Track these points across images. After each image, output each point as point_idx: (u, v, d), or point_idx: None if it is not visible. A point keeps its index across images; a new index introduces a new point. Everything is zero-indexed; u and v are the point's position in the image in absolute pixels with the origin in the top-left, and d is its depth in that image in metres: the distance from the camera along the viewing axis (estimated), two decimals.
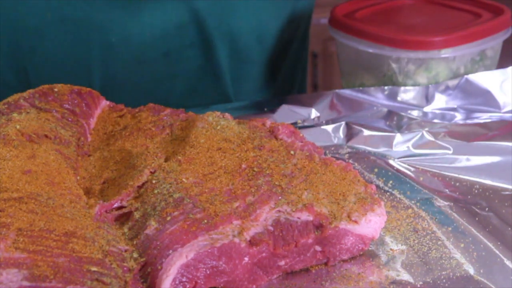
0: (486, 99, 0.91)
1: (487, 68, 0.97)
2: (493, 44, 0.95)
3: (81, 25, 0.95)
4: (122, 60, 0.98)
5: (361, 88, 0.94)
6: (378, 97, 0.93)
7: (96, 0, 0.94)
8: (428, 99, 0.92)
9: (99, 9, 0.94)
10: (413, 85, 0.94)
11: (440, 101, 0.92)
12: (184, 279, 0.56)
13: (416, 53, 0.91)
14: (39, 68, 0.97)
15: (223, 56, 1.01)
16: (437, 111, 0.91)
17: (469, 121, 0.88)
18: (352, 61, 0.99)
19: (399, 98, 0.92)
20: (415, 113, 0.90)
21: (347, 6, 1.02)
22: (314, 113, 0.90)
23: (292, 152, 0.69)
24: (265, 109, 0.92)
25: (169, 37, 0.97)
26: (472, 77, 0.92)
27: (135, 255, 0.59)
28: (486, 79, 0.92)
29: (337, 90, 0.94)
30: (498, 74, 0.92)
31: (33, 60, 0.97)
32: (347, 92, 0.93)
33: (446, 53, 0.92)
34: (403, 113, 0.89)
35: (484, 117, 0.89)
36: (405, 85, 0.94)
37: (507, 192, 0.73)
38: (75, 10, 0.94)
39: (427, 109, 0.91)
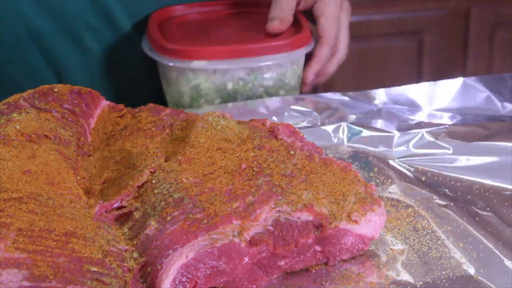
0: (486, 100, 0.91)
1: (270, 90, 0.95)
2: (258, 65, 0.92)
3: (56, 35, 0.95)
4: (100, 65, 0.99)
5: (361, 89, 0.94)
6: (378, 98, 0.93)
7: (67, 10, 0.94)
8: (428, 99, 0.92)
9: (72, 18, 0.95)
10: (178, 91, 0.93)
11: (440, 101, 0.92)
12: (184, 279, 0.56)
13: (172, 61, 0.91)
14: (18, 80, 0.97)
15: None
16: (437, 112, 0.91)
17: (469, 122, 0.88)
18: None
19: (399, 99, 0.92)
20: (415, 113, 0.90)
21: (165, 12, 1.01)
22: (314, 113, 0.90)
23: (292, 152, 0.69)
24: (265, 109, 0.92)
25: None
26: (472, 79, 0.92)
27: (135, 255, 0.59)
28: (486, 81, 0.92)
29: (337, 91, 0.94)
30: (496, 78, 0.92)
31: (12, 73, 0.97)
32: (347, 92, 0.93)
33: (198, 65, 0.90)
34: (403, 113, 0.89)
35: (484, 118, 0.89)
36: (170, 91, 0.94)
37: (507, 192, 0.73)
38: (47, 21, 0.95)
39: (427, 109, 0.91)
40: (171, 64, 0.91)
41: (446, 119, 0.89)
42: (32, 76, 0.98)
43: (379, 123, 0.88)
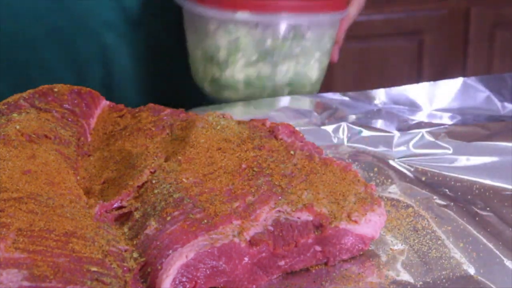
0: (486, 100, 0.91)
1: (306, 51, 0.92)
2: (303, 23, 0.90)
3: (74, 33, 0.95)
4: (120, 60, 0.99)
5: (361, 89, 0.94)
6: (378, 98, 0.93)
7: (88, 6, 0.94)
8: (428, 99, 0.92)
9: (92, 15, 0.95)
10: (214, 45, 0.90)
11: (440, 101, 0.92)
12: (184, 279, 0.56)
13: (211, 11, 0.88)
14: (37, 79, 0.97)
15: None
16: (437, 112, 0.91)
17: (469, 122, 0.89)
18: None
19: (399, 99, 0.92)
20: (415, 113, 0.90)
21: None
22: (314, 113, 0.90)
23: (292, 152, 0.69)
24: (265, 109, 0.92)
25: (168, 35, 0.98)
26: (472, 79, 0.92)
27: (135, 255, 0.59)
28: (486, 81, 0.92)
29: (337, 91, 0.94)
30: (496, 78, 0.92)
31: (30, 73, 0.97)
32: (347, 92, 0.94)
33: (242, 16, 0.87)
34: (403, 113, 0.89)
35: (484, 118, 0.89)
36: (203, 46, 0.90)
37: (507, 192, 0.74)
38: (67, 20, 0.95)
39: (427, 109, 0.91)
40: (212, 14, 0.87)
41: (446, 119, 0.89)
42: (50, 75, 0.97)
43: (379, 123, 0.88)
